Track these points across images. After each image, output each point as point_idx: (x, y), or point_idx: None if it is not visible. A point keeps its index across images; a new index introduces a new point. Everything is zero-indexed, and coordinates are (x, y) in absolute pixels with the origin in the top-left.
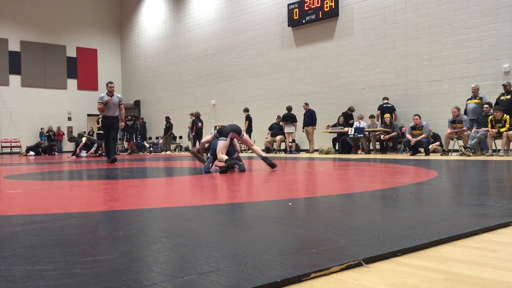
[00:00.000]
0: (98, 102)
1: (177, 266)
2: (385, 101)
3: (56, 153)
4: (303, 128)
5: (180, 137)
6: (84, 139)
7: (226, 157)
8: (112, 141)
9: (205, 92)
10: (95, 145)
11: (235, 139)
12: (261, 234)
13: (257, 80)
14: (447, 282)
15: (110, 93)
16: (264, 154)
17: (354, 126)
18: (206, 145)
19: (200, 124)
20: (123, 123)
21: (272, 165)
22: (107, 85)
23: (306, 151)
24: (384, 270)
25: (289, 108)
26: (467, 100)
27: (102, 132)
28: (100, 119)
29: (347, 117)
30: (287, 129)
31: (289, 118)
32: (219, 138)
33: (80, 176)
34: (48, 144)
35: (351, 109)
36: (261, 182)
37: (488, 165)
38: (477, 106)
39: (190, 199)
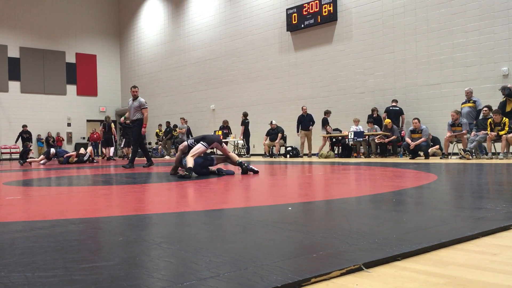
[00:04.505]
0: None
1: (177, 272)
2: (393, 104)
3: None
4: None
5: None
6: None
7: (191, 165)
8: (133, 146)
9: (204, 97)
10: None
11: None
12: (261, 239)
13: (256, 84)
14: (448, 286)
15: (133, 97)
16: (239, 160)
17: (352, 129)
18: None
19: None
20: (144, 129)
21: (246, 171)
22: (130, 89)
23: (304, 155)
24: (384, 275)
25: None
26: (462, 104)
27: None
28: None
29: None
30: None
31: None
32: (201, 142)
33: (79, 182)
34: (24, 149)
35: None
36: (260, 187)
37: (487, 168)
38: (471, 110)
39: (189, 204)
